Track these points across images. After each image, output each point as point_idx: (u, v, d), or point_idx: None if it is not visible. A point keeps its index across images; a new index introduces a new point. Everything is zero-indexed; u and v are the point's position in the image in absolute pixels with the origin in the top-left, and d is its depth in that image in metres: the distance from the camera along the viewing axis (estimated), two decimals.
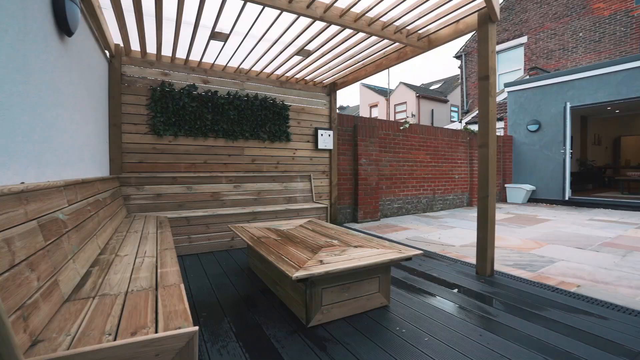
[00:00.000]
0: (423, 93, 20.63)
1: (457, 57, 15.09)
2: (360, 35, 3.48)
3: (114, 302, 1.21)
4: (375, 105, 23.11)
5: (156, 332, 0.99)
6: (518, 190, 8.33)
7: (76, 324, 1.05)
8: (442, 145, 6.88)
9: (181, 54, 3.86)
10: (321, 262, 1.91)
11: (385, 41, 3.62)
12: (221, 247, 3.74)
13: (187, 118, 3.99)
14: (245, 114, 4.39)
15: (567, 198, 7.81)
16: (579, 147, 11.23)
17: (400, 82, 21.21)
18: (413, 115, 19.54)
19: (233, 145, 4.36)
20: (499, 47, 13.22)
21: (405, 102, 20.73)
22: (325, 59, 4.13)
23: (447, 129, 7.17)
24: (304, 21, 3.13)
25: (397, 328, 1.89)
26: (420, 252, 2.10)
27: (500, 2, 13.30)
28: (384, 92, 22.77)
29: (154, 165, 3.87)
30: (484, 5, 2.76)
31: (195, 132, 4.06)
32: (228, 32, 3.25)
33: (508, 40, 13.02)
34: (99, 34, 3.03)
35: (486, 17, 2.81)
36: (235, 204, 4.24)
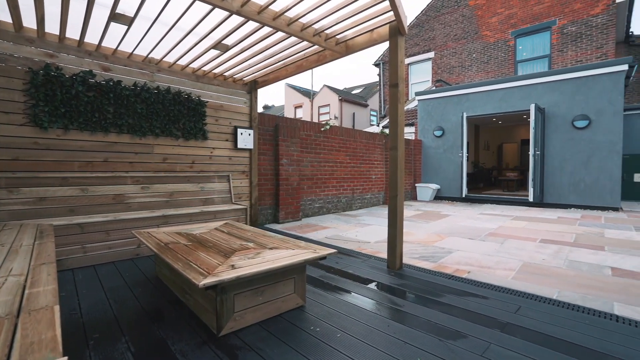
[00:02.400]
0: (345, 97, 21.62)
1: (376, 65, 16.17)
2: (280, 34, 3.45)
3: None
4: (300, 106, 23.41)
5: None
6: (426, 189, 9.28)
7: None
8: (361, 147, 7.28)
9: (73, 33, 3.32)
10: (233, 266, 1.82)
11: (305, 43, 3.65)
12: (125, 256, 3.33)
13: (82, 109, 3.45)
14: (156, 109, 3.99)
15: (464, 195, 8.99)
16: (474, 151, 13.03)
17: (324, 85, 21.88)
18: (336, 118, 20.33)
19: (141, 142, 3.92)
20: (412, 59, 14.57)
21: (328, 105, 21.44)
22: (245, 55, 3.99)
23: (366, 131, 7.61)
24: (220, 13, 2.97)
25: (312, 327, 1.91)
26: (335, 250, 2.16)
27: (411, 20, 14.68)
28: (309, 94, 23.21)
29: (36, 163, 3.25)
30: (394, 18, 2.98)
31: (93, 126, 3.53)
32: (132, 16, 2.91)
33: (419, 53, 14.44)
34: None
35: (396, 30, 3.03)
36: (143, 207, 3.82)
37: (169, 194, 4.07)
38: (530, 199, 7.73)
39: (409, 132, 11.59)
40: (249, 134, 4.95)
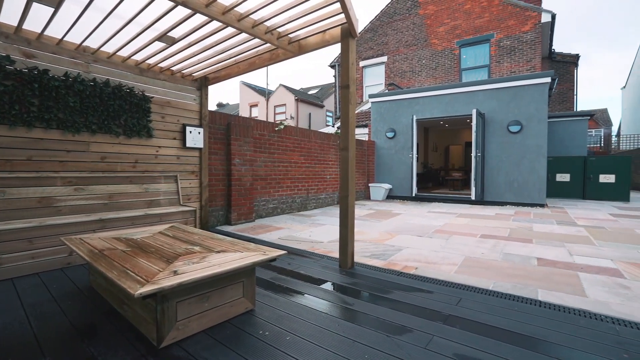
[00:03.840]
0: (302, 97, 21.63)
1: (332, 66, 16.39)
2: (231, 30, 3.33)
3: None
4: (256, 105, 22.98)
5: None
6: (379, 189, 9.60)
7: None
8: (315, 147, 7.32)
9: None
10: (175, 272, 1.71)
11: (257, 40, 3.57)
12: (53, 266, 2.99)
13: None
14: (92, 103, 3.64)
15: (414, 195, 9.44)
16: (423, 152, 13.75)
17: (280, 84, 21.70)
18: (292, 118, 20.26)
19: (74, 139, 3.55)
20: (366, 62, 14.99)
21: (285, 104, 21.30)
22: (193, 49, 3.80)
23: (320, 132, 7.67)
24: (165, 3, 2.78)
25: (261, 332, 1.86)
26: (284, 252, 2.13)
27: (366, 24, 15.09)
28: (265, 92, 22.87)
29: None
30: (346, 21, 3.02)
31: (12, 119, 3.12)
32: None
33: (373, 57, 14.90)
34: None
35: (347, 32, 3.08)
36: (76, 210, 3.46)
37: (107, 196, 3.73)
38: (473, 197, 8.34)
39: (363, 133, 11.90)
40: (199, 133, 4.72)
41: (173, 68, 4.32)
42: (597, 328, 1.93)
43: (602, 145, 22.35)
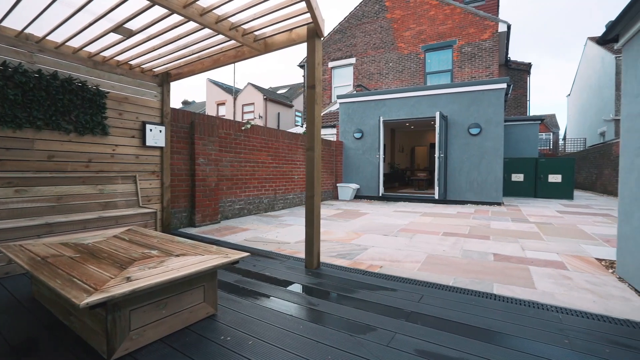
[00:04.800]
0: (270, 96, 21.40)
1: (301, 66, 16.36)
2: (193, 24, 3.21)
3: None
4: (223, 103, 22.41)
5: None
6: (347, 189, 9.71)
7: None
8: (283, 147, 7.26)
9: None
10: (129, 279, 1.60)
11: (222, 37, 3.46)
12: None
13: None
14: (37, 96, 3.35)
15: (381, 194, 9.65)
16: (390, 153, 14.09)
17: (249, 83, 21.32)
18: (260, 117, 19.98)
19: (15, 135, 3.25)
20: (335, 63, 15.11)
21: (253, 103, 20.96)
22: (153, 43, 3.61)
23: (288, 131, 7.61)
24: None
25: (222, 337, 1.80)
26: (247, 254, 2.08)
27: (335, 26, 15.21)
28: (232, 91, 22.36)
29: None
30: (311, 20, 3.01)
31: None
32: None
33: (342, 58, 15.05)
34: None
35: (314, 32, 3.07)
36: (17, 214, 3.16)
37: (55, 198, 3.45)
38: (436, 196, 8.67)
39: (331, 134, 11.98)
40: (160, 131, 4.50)
41: (131, 62, 4.09)
42: (543, 317, 2.07)
43: (551, 147, 24.22)
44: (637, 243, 2.65)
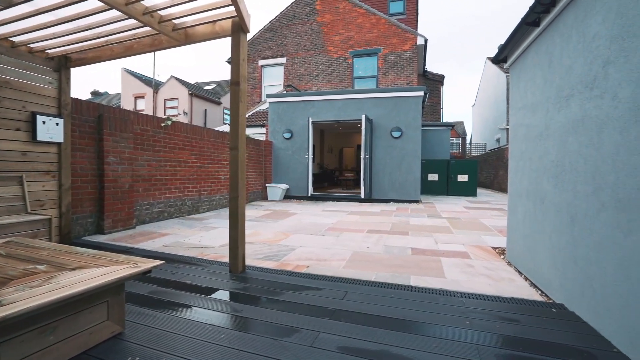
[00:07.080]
0: (197, 92, 20.15)
1: (229, 62, 15.70)
2: (98, 3, 2.82)
3: None
4: (142, 97, 20.38)
5: None
6: (276, 189, 9.63)
7: None
8: (209, 146, 6.87)
9: None
10: None
11: (134, 21, 3.11)
12: None
13: None
14: None
15: (310, 194, 9.79)
16: (320, 153, 14.40)
17: (172, 76, 19.77)
18: (185, 113, 18.68)
19: None
20: (265, 62, 14.87)
21: (177, 98, 19.48)
22: (45, 19, 3.08)
23: (214, 130, 7.24)
24: None
25: (129, 358, 1.60)
26: (162, 262, 1.89)
27: (266, 24, 14.97)
28: (152, 83, 20.49)
29: None
30: (236, 14, 2.88)
31: None
32: None
33: (272, 57, 14.88)
34: None
35: (238, 26, 2.94)
36: None
37: None
38: (362, 195, 9.12)
39: (260, 133, 11.77)
40: (57, 124, 3.86)
41: (13, 38, 3.43)
42: (450, 303, 2.30)
43: (460, 151, 27.52)
44: (520, 233, 3.13)
